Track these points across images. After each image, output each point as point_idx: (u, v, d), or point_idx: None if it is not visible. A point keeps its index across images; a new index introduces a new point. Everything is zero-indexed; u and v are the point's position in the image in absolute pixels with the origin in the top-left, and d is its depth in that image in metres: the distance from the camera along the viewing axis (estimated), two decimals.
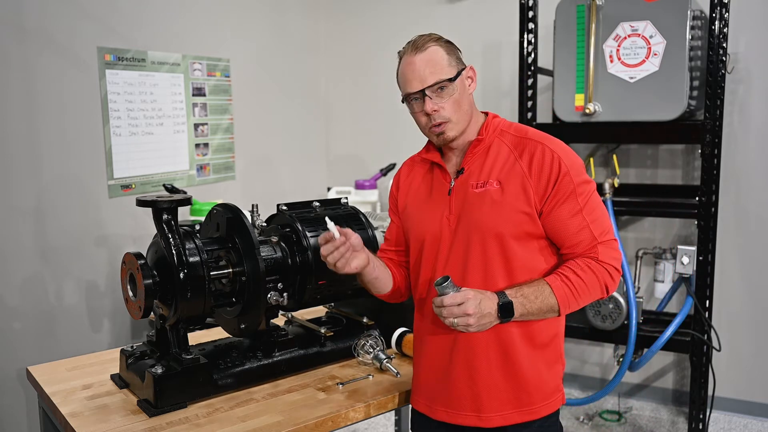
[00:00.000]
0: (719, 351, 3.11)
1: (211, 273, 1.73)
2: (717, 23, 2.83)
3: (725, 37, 2.90)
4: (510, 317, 1.49)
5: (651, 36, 2.87)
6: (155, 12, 3.39)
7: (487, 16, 3.88)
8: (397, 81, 1.61)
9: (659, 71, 2.87)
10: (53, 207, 2.98)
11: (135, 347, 1.86)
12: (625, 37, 2.92)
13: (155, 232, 1.72)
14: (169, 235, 1.69)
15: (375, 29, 4.37)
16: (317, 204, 2.05)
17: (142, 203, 1.71)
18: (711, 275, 3.02)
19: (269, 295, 1.80)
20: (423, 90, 1.54)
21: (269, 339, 1.88)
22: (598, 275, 1.52)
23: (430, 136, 1.62)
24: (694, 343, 2.99)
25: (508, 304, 1.48)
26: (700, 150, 2.98)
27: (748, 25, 3.24)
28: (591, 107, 2.99)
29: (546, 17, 3.37)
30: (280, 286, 1.86)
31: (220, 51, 3.74)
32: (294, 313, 2.15)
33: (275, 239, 1.89)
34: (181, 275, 1.66)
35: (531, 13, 3.22)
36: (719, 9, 2.82)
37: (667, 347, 3.00)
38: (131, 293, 1.72)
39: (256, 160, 4.04)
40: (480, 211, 1.55)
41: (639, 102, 2.92)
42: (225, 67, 3.78)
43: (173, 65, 3.48)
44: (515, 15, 3.29)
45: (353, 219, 2.05)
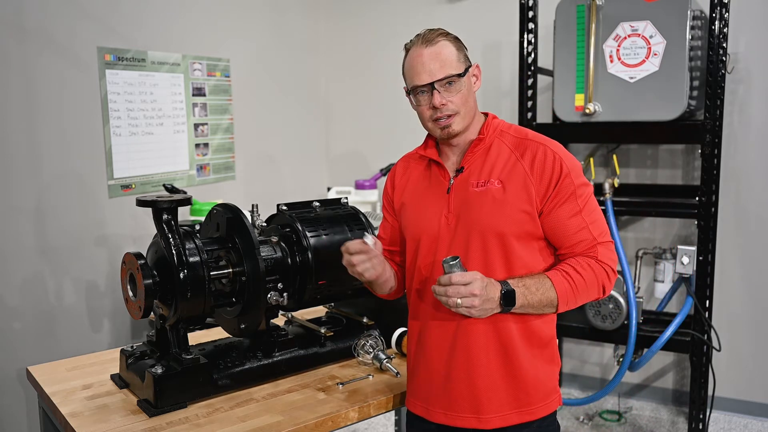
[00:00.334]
0: (719, 351, 3.11)
1: (211, 273, 1.73)
2: (717, 23, 2.83)
3: (725, 37, 2.90)
4: (511, 306, 1.48)
5: (651, 36, 2.87)
6: (155, 12, 3.39)
7: (487, 16, 3.88)
8: (403, 73, 1.61)
9: (659, 71, 2.87)
10: (53, 207, 2.98)
11: (135, 347, 1.86)
12: (625, 37, 2.92)
13: (155, 232, 1.72)
14: (169, 235, 1.69)
15: (375, 29, 4.37)
16: (317, 204, 2.05)
17: (142, 203, 1.71)
18: (711, 275, 3.03)
19: (269, 295, 1.80)
20: (432, 83, 1.53)
21: (269, 339, 1.88)
22: (597, 274, 1.53)
23: (433, 129, 1.60)
24: (694, 343, 2.99)
25: (510, 291, 1.47)
26: (700, 150, 2.98)
27: (748, 25, 3.25)
28: (591, 107, 2.99)
29: (546, 17, 3.37)
30: (280, 286, 1.86)
31: (220, 51, 3.74)
32: (294, 313, 2.15)
33: (275, 239, 1.89)
34: (181, 275, 1.66)
35: (531, 13, 3.22)
36: (719, 9, 2.82)
37: (667, 347, 3.00)
38: (131, 293, 1.72)
39: (256, 160, 4.04)
40: (481, 210, 1.54)
41: (639, 102, 2.92)
42: (225, 67, 3.78)
43: (173, 65, 3.48)
44: (515, 15, 3.29)
45: (353, 219, 2.05)
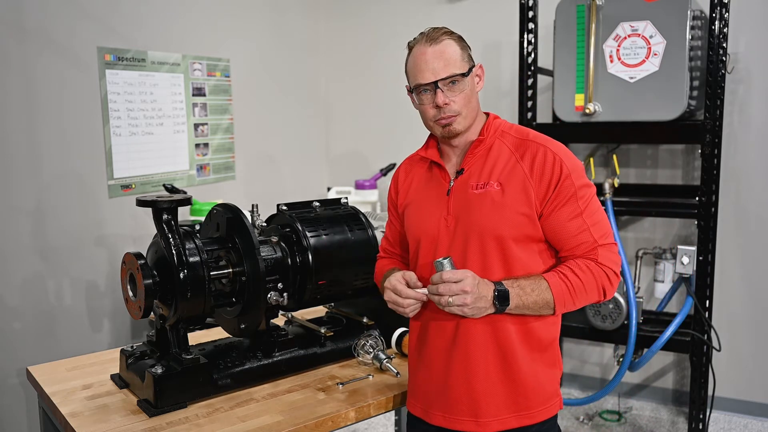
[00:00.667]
0: (719, 351, 3.11)
1: (211, 273, 1.73)
2: (717, 23, 2.83)
3: (725, 37, 2.90)
4: (505, 306, 1.47)
5: (651, 36, 2.87)
6: (155, 12, 3.39)
7: (487, 16, 3.88)
8: (406, 72, 1.60)
9: (659, 71, 2.87)
10: (53, 207, 2.98)
11: (135, 347, 1.86)
12: (625, 37, 2.92)
13: (155, 232, 1.72)
14: (169, 235, 1.69)
15: (375, 29, 4.37)
16: (317, 204, 2.05)
17: (142, 203, 1.71)
18: (711, 275, 3.02)
19: (269, 295, 1.80)
20: (435, 82, 1.52)
21: (269, 339, 1.88)
22: (596, 277, 1.51)
23: (434, 128, 1.60)
24: (694, 343, 2.99)
25: (504, 291, 1.47)
26: (700, 150, 2.98)
27: (748, 25, 3.24)
28: (591, 107, 2.99)
29: (546, 17, 3.37)
30: (280, 286, 1.86)
31: (220, 51, 3.74)
32: (294, 313, 2.15)
33: (275, 239, 1.89)
34: (181, 275, 1.66)
35: (531, 13, 3.22)
36: (719, 9, 2.82)
37: (667, 347, 3.00)
38: (131, 293, 1.72)
39: (256, 160, 4.04)
40: (480, 213, 1.53)
41: (639, 102, 2.92)
42: (225, 67, 3.78)
43: (173, 65, 3.48)
44: (515, 15, 3.29)
45: (353, 219, 2.05)
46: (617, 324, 3.07)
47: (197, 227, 1.85)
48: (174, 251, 1.67)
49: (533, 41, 3.25)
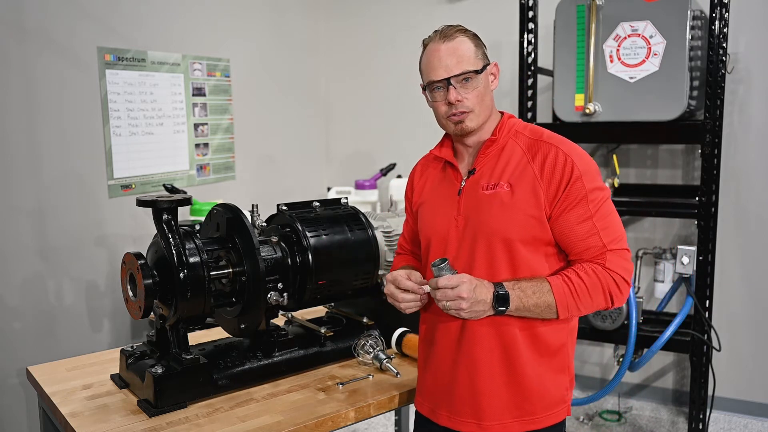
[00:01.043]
0: (719, 351, 3.11)
1: (211, 273, 1.73)
2: (717, 23, 2.83)
3: (725, 37, 2.90)
4: (505, 308, 1.46)
5: (651, 36, 2.87)
6: (155, 12, 3.39)
7: (487, 16, 3.88)
8: (420, 68, 1.59)
9: (659, 71, 2.87)
10: (53, 207, 2.98)
11: (135, 347, 1.86)
12: (625, 37, 2.92)
13: (155, 232, 1.72)
14: (169, 235, 1.69)
15: (375, 29, 4.36)
16: (317, 204, 2.05)
17: (142, 203, 1.71)
18: (711, 275, 3.02)
19: (269, 295, 1.80)
20: (448, 79, 1.51)
21: (269, 339, 1.88)
22: (602, 281, 1.47)
23: (447, 125, 1.58)
24: (694, 343, 2.99)
25: (504, 294, 1.45)
26: (700, 150, 2.97)
27: (748, 25, 3.24)
28: (591, 107, 2.99)
29: (546, 17, 3.36)
30: (280, 286, 1.85)
31: (220, 51, 3.74)
32: (294, 313, 2.15)
33: (275, 239, 1.89)
34: (181, 275, 1.66)
35: (531, 13, 3.22)
36: (719, 9, 2.82)
37: (667, 347, 3.00)
38: (131, 293, 1.72)
39: (256, 160, 4.04)
40: (489, 214, 1.51)
41: (639, 102, 2.92)
42: (225, 67, 3.78)
43: (173, 65, 3.48)
44: (515, 15, 3.29)
45: (353, 219, 2.05)
46: (617, 324, 3.07)
47: (197, 227, 1.85)
48: (174, 251, 1.67)
49: (533, 41, 3.25)
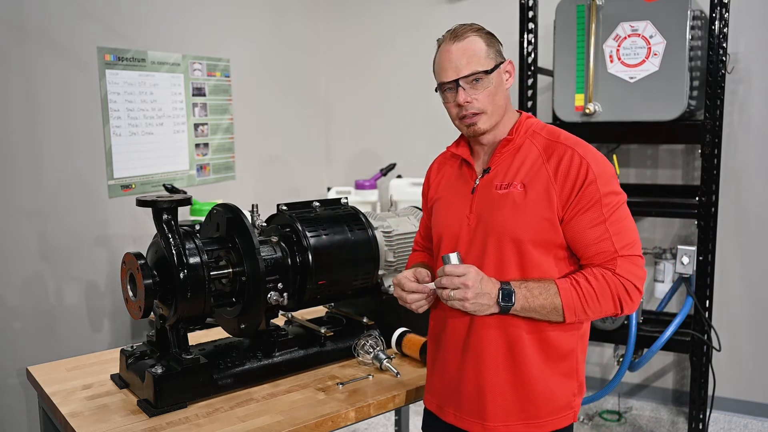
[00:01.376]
0: (719, 351, 3.11)
1: (211, 273, 1.73)
2: (717, 23, 2.83)
3: (725, 37, 2.90)
4: (510, 305, 1.45)
5: (651, 36, 2.87)
6: (155, 12, 3.39)
7: (487, 16, 3.85)
8: (433, 69, 1.59)
9: (659, 71, 2.87)
10: (53, 207, 2.98)
11: (135, 347, 1.86)
12: (625, 37, 2.92)
13: (155, 232, 1.72)
14: (169, 235, 1.69)
15: (375, 29, 4.36)
16: (317, 204, 2.05)
17: (142, 203, 1.71)
18: (711, 275, 3.02)
19: (269, 295, 1.80)
20: (457, 80, 1.50)
21: (269, 339, 1.88)
22: (611, 287, 1.45)
23: (460, 127, 1.58)
24: (694, 343, 2.99)
25: (509, 290, 1.44)
26: (700, 150, 2.98)
27: (748, 25, 3.24)
28: (591, 107, 2.99)
29: (546, 17, 3.36)
30: (280, 286, 1.85)
31: (220, 51, 3.74)
32: (294, 313, 2.15)
33: (275, 239, 1.89)
34: (181, 275, 1.66)
35: (531, 13, 3.22)
36: (719, 9, 2.82)
37: (667, 347, 3.00)
38: (131, 293, 1.72)
39: (256, 160, 4.04)
40: (500, 214, 1.50)
41: (639, 102, 2.92)
42: (225, 67, 3.78)
43: (173, 65, 3.48)
44: (515, 15, 3.29)
45: (353, 219, 2.05)
46: (617, 324, 3.07)
47: (197, 227, 1.85)
48: (174, 251, 1.67)
49: (533, 41, 3.25)
